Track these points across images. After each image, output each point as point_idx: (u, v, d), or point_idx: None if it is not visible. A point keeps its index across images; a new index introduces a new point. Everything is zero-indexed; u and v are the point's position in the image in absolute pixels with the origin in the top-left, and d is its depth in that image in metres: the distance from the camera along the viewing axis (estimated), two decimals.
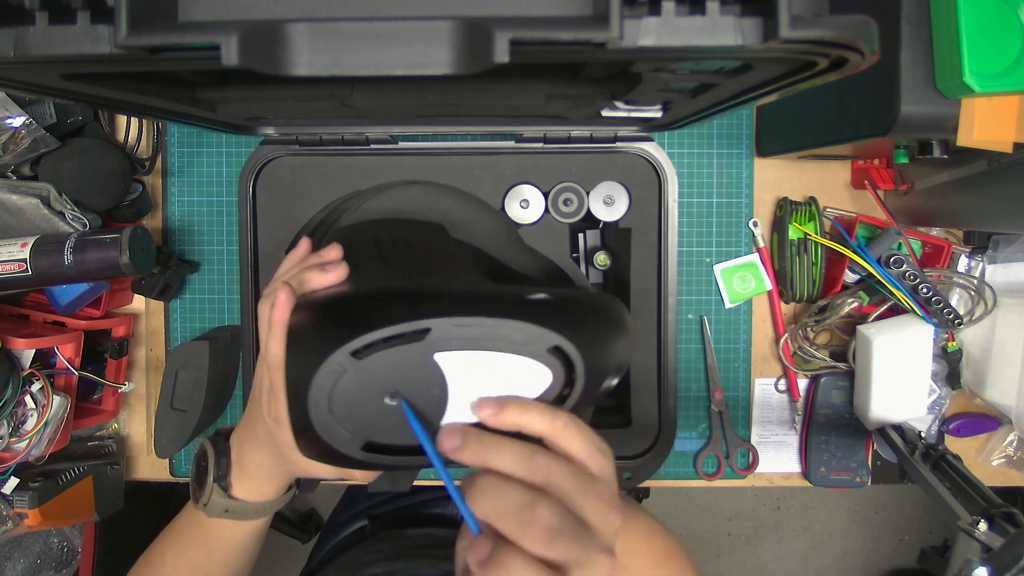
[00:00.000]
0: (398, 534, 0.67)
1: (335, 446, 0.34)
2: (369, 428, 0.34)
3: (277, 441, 0.41)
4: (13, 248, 0.54)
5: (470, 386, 0.34)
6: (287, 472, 0.45)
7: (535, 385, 0.35)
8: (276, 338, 0.38)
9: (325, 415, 0.33)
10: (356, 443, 0.35)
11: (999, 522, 0.47)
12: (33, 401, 0.58)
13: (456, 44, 0.27)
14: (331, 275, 0.39)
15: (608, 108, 0.51)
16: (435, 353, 0.33)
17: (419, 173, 0.62)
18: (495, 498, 0.30)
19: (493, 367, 0.33)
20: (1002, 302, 0.65)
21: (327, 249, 0.42)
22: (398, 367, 0.33)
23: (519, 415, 0.33)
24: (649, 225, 0.62)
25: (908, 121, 0.45)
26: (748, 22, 0.28)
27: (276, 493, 0.47)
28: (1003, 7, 0.42)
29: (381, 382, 0.33)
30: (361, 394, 0.33)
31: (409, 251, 0.48)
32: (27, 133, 0.55)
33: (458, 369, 0.33)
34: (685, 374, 0.70)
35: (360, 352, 0.32)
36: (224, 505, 0.46)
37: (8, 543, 0.78)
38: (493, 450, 0.32)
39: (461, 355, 0.33)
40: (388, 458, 0.35)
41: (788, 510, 1.66)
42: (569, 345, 0.34)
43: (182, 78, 0.44)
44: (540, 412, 0.33)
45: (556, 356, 0.34)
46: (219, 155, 0.68)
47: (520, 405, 0.33)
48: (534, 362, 0.34)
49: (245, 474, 0.46)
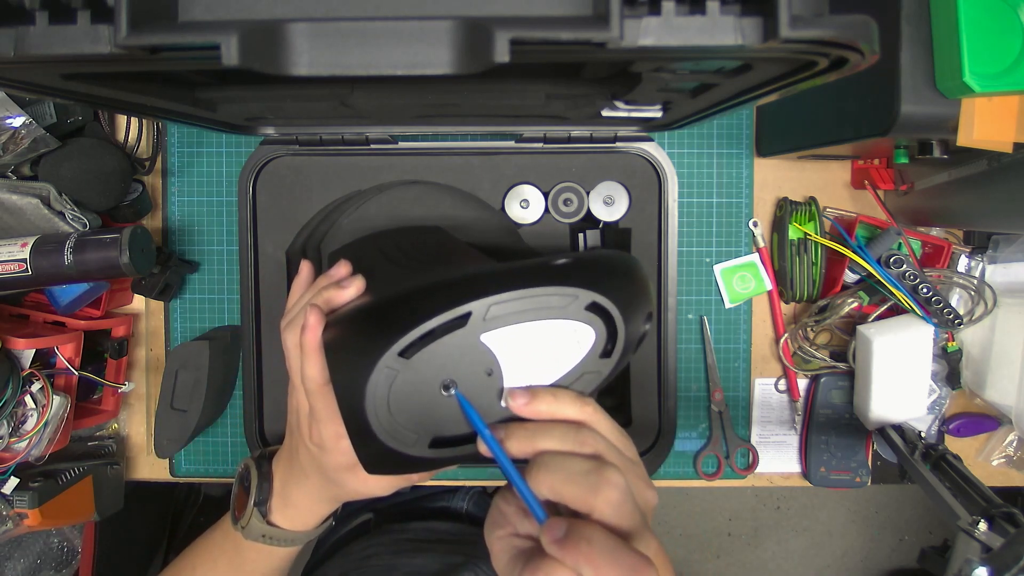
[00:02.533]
0: (401, 527, 0.68)
1: (402, 450, 0.34)
2: (432, 424, 0.35)
3: (324, 467, 0.41)
4: (13, 248, 0.54)
5: (521, 358, 0.34)
6: (334, 497, 0.44)
7: (581, 344, 0.35)
8: (312, 362, 0.37)
9: (386, 421, 0.33)
10: (423, 442, 0.35)
11: (999, 522, 0.47)
12: (33, 401, 0.58)
13: (456, 44, 0.27)
14: (351, 290, 0.39)
15: (608, 108, 0.51)
16: (481, 335, 0.33)
17: (419, 173, 0.62)
18: (561, 469, 0.31)
19: (538, 336, 0.34)
20: (1002, 302, 0.65)
21: (336, 267, 0.42)
22: (447, 357, 0.33)
23: (551, 403, 0.34)
24: (649, 225, 0.62)
25: (908, 121, 0.45)
26: (748, 22, 0.28)
27: (317, 523, 0.46)
28: (1003, 7, 0.42)
29: (434, 376, 0.33)
30: (417, 392, 0.33)
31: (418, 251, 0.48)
32: (27, 133, 0.55)
33: (506, 345, 0.34)
34: (685, 374, 0.70)
35: (407, 351, 0.32)
36: (262, 531, 0.45)
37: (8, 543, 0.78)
38: (540, 433, 0.33)
39: (506, 331, 0.33)
40: (457, 450, 0.36)
41: (788, 510, 1.66)
42: (604, 299, 0.34)
43: (182, 78, 0.44)
44: (570, 399, 0.34)
45: (595, 312, 0.35)
46: (219, 155, 0.68)
47: (551, 393, 0.34)
48: (576, 323, 0.34)
49: (288, 504, 0.45)
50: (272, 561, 0.48)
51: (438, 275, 0.37)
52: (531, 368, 0.35)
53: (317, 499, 0.45)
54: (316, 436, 0.40)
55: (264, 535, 0.46)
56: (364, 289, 0.39)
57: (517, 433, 0.33)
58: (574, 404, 0.34)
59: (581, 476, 0.30)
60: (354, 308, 0.38)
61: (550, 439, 0.32)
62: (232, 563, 0.48)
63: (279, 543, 0.46)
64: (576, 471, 0.30)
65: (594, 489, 0.30)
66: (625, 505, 0.30)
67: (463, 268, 0.42)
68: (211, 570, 0.50)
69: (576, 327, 0.34)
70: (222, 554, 0.49)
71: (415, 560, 0.59)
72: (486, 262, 0.45)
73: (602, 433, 0.34)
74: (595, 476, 0.30)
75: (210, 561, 0.50)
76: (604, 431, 0.34)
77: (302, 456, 0.43)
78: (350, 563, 0.61)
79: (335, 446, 0.39)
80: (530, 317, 0.33)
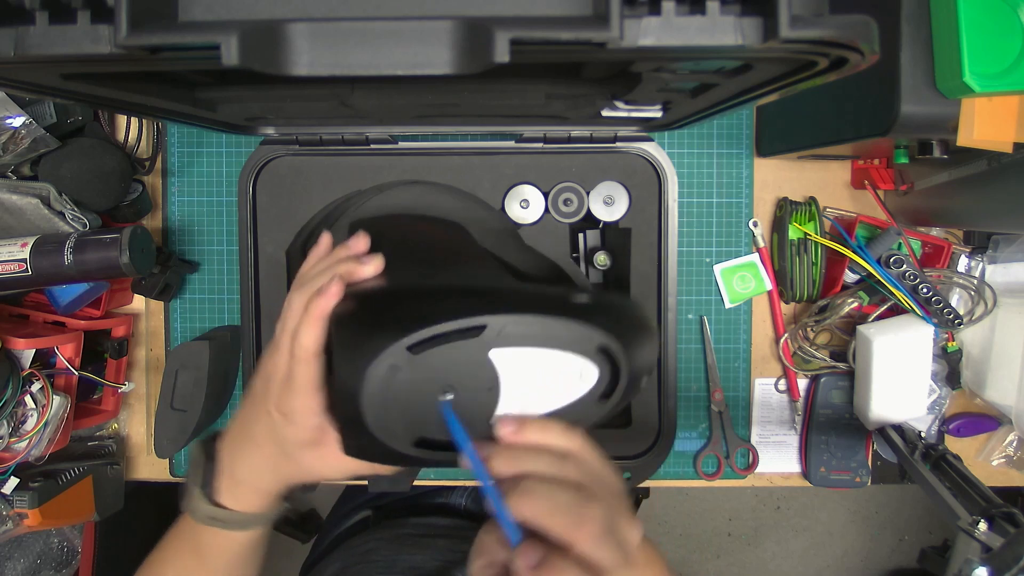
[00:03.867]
0: (401, 523, 0.68)
1: (386, 441, 0.34)
2: (422, 424, 0.34)
3: (283, 439, 0.39)
4: (13, 248, 0.54)
5: (523, 382, 0.34)
6: (284, 475, 0.42)
7: (584, 382, 0.35)
8: (313, 328, 0.36)
9: (378, 410, 0.33)
10: (409, 438, 0.35)
11: (999, 522, 0.47)
12: (33, 401, 0.58)
13: (456, 44, 0.27)
14: (370, 267, 0.38)
15: (608, 108, 0.51)
16: (490, 350, 0.33)
17: (419, 173, 0.62)
18: (544, 497, 0.30)
19: (544, 364, 0.34)
20: (1002, 302, 0.65)
21: (355, 239, 0.41)
22: (453, 363, 0.33)
23: (540, 433, 0.33)
24: (649, 225, 0.62)
25: (908, 121, 0.45)
26: (748, 22, 0.28)
27: (263, 505, 0.44)
28: (1003, 7, 0.42)
29: (436, 377, 0.33)
30: (415, 389, 0.33)
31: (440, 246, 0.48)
32: (27, 133, 0.55)
33: (512, 366, 0.34)
34: (685, 374, 0.70)
35: (416, 347, 0.32)
36: (208, 512, 0.44)
37: (8, 543, 0.78)
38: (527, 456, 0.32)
39: (515, 351, 0.33)
40: (439, 454, 0.35)
41: (788, 510, 1.66)
42: (616, 345, 0.34)
43: (182, 78, 0.44)
44: (559, 430, 0.34)
45: (603, 355, 0.35)
46: (219, 155, 0.68)
47: (540, 423, 0.34)
48: (584, 360, 0.34)
49: (234, 480, 0.43)
50: (231, 547, 0.46)
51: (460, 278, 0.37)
52: (530, 394, 0.34)
53: (265, 475, 0.42)
54: (285, 405, 0.38)
55: (211, 517, 0.44)
56: (381, 269, 0.39)
57: (503, 452, 0.32)
58: (562, 435, 0.34)
59: (564, 507, 0.30)
60: (371, 288, 0.37)
61: (536, 463, 0.32)
62: (194, 552, 0.47)
63: (229, 526, 0.44)
64: (560, 501, 0.30)
65: (577, 522, 0.29)
66: (606, 541, 0.29)
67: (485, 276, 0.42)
68: (176, 558, 0.48)
69: (583, 365, 0.35)
70: (184, 543, 0.48)
71: (415, 556, 0.59)
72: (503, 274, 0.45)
73: (589, 465, 0.33)
74: (578, 509, 0.30)
75: (175, 551, 0.49)
76: (591, 463, 0.34)
77: (259, 425, 0.41)
78: (351, 557, 0.61)
79: (303, 420, 0.38)
80: (542, 343, 0.33)
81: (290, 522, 0.56)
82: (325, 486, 0.68)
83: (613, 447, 0.63)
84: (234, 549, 0.46)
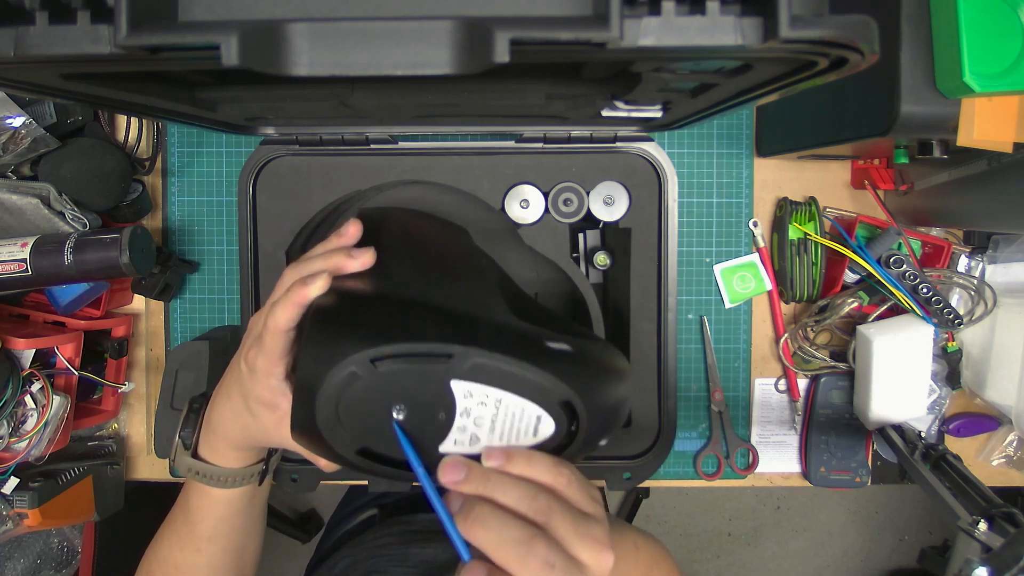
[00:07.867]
0: (409, 519, 0.68)
1: (331, 442, 0.34)
2: (368, 435, 0.35)
3: (246, 391, 0.41)
4: (13, 248, 0.54)
5: (475, 418, 0.34)
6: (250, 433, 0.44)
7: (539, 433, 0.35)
8: (288, 310, 0.38)
9: (329, 411, 0.33)
10: (353, 445, 0.35)
11: (999, 522, 0.47)
12: (33, 401, 0.58)
13: (456, 44, 0.27)
14: (356, 263, 0.39)
15: (608, 108, 0.51)
16: (452, 380, 0.33)
17: (419, 173, 0.62)
18: (495, 529, 0.31)
19: (502, 406, 0.34)
20: (1002, 302, 0.65)
21: (347, 226, 0.42)
22: (411, 383, 0.33)
23: (525, 467, 0.33)
24: (649, 225, 0.62)
25: (908, 121, 0.45)
26: (748, 22, 0.28)
27: (239, 461, 0.46)
28: (1003, 7, 0.42)
29: (391, 393, 0.33)
30: (369, 400, 0.33)
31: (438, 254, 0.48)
32: (27, 133, 0.55)
33: (469, 399, 0.33)
34: (685, 374, 0.70)
35: (380, 360, 0.32)
36: (188, 464, 0.46)
37: (8, 543, 0.78)
38: (499, 486, 0.32)
39: (475, 386, 0.33)
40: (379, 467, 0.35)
41: (788, 510, 1.66)
42: (580, 404, 0.34)
43: (182, 78, 0.44)
44: (546, 465, 0.34)
45: (564, 410, 0.34)
46: (219, 155, 0.68)
47: (526, 457, 0.34)
48: (542, 411, 0.34)
49: (210, 429, 0.46)
50: (215, 508, 0.48)
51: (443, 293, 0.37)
52: (481, 432, 0.34)
53: (233, 426, 0.44)
54: (252, 360, 0.40)
55: (190, 469, 0.46)
56: (371, 266, 0.40)
57: (476, 478, 0.33)
58: (549, 471, 0.33)
59: (511, 544, 0.30)
60: (352, 291, 0.38)
61: (503, 494, 0.32)
62: (184, 517, 0.50)
63: (208, 480, 0.46)
64: (508, 536, 0.30)
65: (521, 559, 0.30)
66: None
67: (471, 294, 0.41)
68: (170, 525, 0.51)
69: (541, 415, 0.34)
70: (178, 509, 0.51)
71: (426, 550, 0.59)
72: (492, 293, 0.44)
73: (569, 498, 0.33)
74: (525, 548, 0.30)
75: (171, 519, 0.52)
76: (574, 500, 0.33)
77: (231, 375, 0.43)
78: (361, 552, 0.62)
79: (264, 380, 0.40)
80: (505, 386, 0.33)
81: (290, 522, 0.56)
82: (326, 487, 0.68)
83: (613, 447, 0.63)
84: (218, 511, 0.48)
